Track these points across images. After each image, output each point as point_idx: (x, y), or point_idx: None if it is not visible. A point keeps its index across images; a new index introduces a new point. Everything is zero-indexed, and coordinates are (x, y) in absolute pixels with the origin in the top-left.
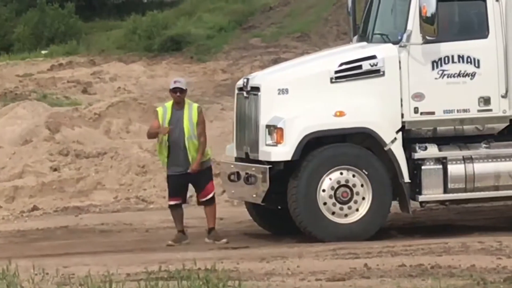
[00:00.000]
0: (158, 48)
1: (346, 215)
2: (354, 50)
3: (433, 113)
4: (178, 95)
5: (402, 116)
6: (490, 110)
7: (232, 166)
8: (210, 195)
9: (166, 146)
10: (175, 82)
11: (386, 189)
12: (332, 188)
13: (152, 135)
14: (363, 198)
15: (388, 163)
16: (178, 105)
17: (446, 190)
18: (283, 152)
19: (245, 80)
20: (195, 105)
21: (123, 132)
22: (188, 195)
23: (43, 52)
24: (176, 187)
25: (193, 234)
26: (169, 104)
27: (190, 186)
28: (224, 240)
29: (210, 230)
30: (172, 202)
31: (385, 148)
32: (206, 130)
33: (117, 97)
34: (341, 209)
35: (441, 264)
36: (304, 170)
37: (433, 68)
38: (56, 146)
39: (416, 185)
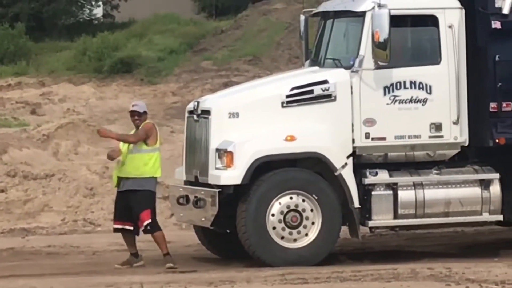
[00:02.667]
0: (108, 70)
1: (295, 240)
2: (306, 74)
3: (384, 138)
4: (136, 118)
5: (353, 141)
6: (442, 136)
7: (181, 189)
8: (145, 224)
9: (119, 164)
10: (133, 105)
11: (336, 214)
12: (282, 212)
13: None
14: (313, 223)
15: (338, 188)
16: (136, 128)
17: (396, 216)
18: (233, 176)
19: (196, 103)
20: (146, 122)
21: (72, 154)
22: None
23: None
24: (119, 208)
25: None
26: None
27: None
28: (169, 265)
29: (164, 255)
30: (116, 226)
31: (336, 173)
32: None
33: (66, 119)
34: (290, 233)
35: None
36: (254, 194)
37: (385, 94)
38: (3, 167)
39: (366, 211)
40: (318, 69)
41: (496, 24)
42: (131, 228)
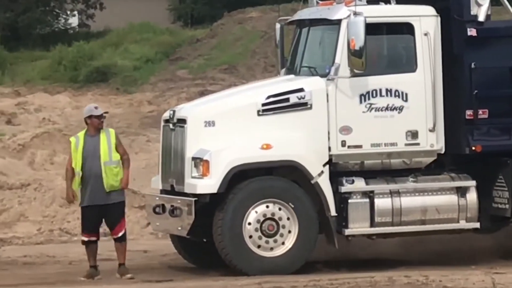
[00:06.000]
0: (84, 79)
1: (271, 249)
2: (282, 82)
3: (360, 146)
4: (102, 121)
5: (330, 149)
6: (418, 144)
7: (157, 198)
8: (121, 233)
9: (79, 176)
10: (97, 108)
11: (313, 223)
12: (258, 221)
13: (66, 178)
14: (289, 232)
15: (314, 196)
16: (95, 132)
17: (372, 224)
18: (209, 184)
19: (172, 112)
20: (112, 130)
21: (47, 164)
22: (100, 230)
23: None
24: (91, 220)
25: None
26: (81, 133)
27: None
28: (129, 276)
29: (120, 265)
30: (86, 238)
31: (312, 181)
32: (130, 159)
33: (41, 128)
34: (267, 242)
35: None
36: (230, 203)
37: (361, 102)
38: None
39: (342, 219)
40: (294, 77)
41: (472, 32)
42: (96, 239)
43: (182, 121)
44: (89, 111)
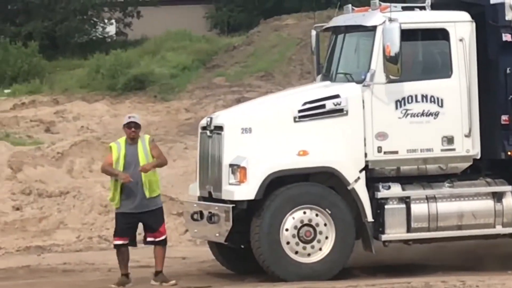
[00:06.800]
0: (122, 87)
1: (309, 255)
2: (318, 89)
3: (396, 152)
4: (133, 130)
5: (366, 155)
6: (454, 149)
7: (195, 205)
8: (162, 237)
9: (120, 182)
10: (129, 117)
11: (349, 228)
12: (295, 227)
13: (107, 173)
14: (326, 238)
15: (351, 202)
16: (132, 141)
17: (409, 229)
18: (246, 191)
19: (209, 119)
20: (147, 136)
21: (86, 171)
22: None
23: (5, 91)
24: (126, 226)
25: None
26: (122, 140)
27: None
28: (173, 282)
29: (158, 273)
30: (118, 242)
31: (349, 187)
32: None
33: (80, 136)
34: (304, 248)
35: None
36: (267, 209)
37: (396, 108)
38: (18, 185)
39: (379, 224)
40: (329, 84)
41: (507, 37)
42: (128, 243)
43: (219, 128)
44: (125, 119)
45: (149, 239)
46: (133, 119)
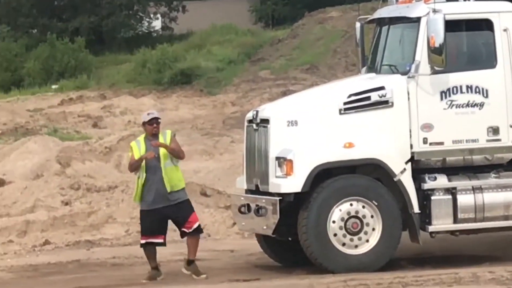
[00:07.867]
0: (168, 82)
1: (356, 246)
2: (363, 81)
3: (442, 143)
4: (155, 126)
5: (411, 146)
6: (499, 140)
7: (242, 198)
8: (195, 225)
9: (143, 179)
10: (149, 114)
11: (396, 220)
12: (342, 219)
13: (133, 166)
14: (373, 229)
15: (397, 193)
16: (153, 137)
17: (456, 220)
18: (293, 184)
19: (255, 112)
20: (168, 131)
21: None
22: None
23: (53, 86)
24: (151, 223)
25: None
26: (141, 137)
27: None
28: (204, 276)
29: (190, 262)
30: (143, 241)
31: (395, 179)
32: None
33: (127, 131)
34: (351, 240)
35: None
36: (314, 201)
37: (441, 99)
38: (67, 180)
39: (426, 216)
40: (374, 76)
41: None
42: (161, 241)
43: (265, 121)
44: (142, 118)
45: (183, 232)
46: (154, 115)
